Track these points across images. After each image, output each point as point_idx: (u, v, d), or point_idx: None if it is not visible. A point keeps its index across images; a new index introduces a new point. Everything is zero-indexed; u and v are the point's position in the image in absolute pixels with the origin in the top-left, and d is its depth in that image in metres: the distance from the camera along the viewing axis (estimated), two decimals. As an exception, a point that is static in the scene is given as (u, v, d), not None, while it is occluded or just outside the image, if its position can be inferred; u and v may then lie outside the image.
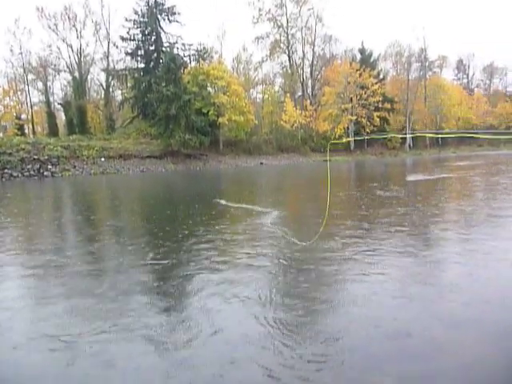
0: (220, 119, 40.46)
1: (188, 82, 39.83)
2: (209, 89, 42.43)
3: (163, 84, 37.10)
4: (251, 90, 57.09)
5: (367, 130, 51.74)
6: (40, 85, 46.74)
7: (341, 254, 5.09)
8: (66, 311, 3.55)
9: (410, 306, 3.43)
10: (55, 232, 7.95)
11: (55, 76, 47.90)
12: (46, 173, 29.08)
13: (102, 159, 33.51)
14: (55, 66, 46.19)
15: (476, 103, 64.41)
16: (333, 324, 3.15)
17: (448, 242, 5.68)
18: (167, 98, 36.51)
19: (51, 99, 46.80)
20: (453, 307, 3.35)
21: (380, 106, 50.38)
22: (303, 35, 55.86)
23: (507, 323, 3.05)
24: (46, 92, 45.61)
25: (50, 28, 43.42)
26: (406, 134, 47.75)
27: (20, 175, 28.02)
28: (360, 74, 49.44)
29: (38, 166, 29.32)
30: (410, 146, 55.68)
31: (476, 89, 75.09)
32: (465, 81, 76.01)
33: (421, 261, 4.79)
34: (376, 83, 49.80)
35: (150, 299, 3.82)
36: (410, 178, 16.09)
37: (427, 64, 61.05)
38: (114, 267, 5.07)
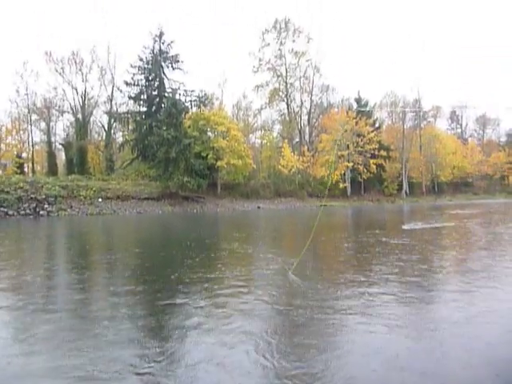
0: (219, 163, 40.92)
1: (189, 127, 40.63)
2: (209, 133, 43.22)
3: (164, 128, 37.76)
4: (250, 135, 58.40)
5: (364, 177, 52.47)
6: (43, 125, 47.62)
7: (345, 302, 4.94)
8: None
9: (413, 358, 3.33)
10: (49, 275, 7.63)
11: (58, 117, 48.81)
12: (42, 212, 28.82)
13: (100, 200, 33.39)
14: (59, 107, 47.26)
15: (470, 152, 65.83)
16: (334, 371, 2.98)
17: (451, 292, 5.54)
18: (167, 141, 37.04)
19: (53, 139, 47.48)
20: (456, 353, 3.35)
21: (376, 153, 51.43)
22: (301, 84, 58.16)
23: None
24: (49, 132, 46.33)
25: (56, 71, 44.83)
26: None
27: (16, 214, 27.73)
28: (356, 123, 50.88)
29: (35, 204, 29.12)
30: (406, 192, 56.19)
31: (470, 138, 77.07)
32: (458, 130, 78.22)
33: (424, 309, 4.73)
34: (372, 131, 51.16)
35: (148, 345, 3.53)
36: (412, 225, 15.94)
37: (422, 114, 62.96)
38: (107, 315, 4.76)
